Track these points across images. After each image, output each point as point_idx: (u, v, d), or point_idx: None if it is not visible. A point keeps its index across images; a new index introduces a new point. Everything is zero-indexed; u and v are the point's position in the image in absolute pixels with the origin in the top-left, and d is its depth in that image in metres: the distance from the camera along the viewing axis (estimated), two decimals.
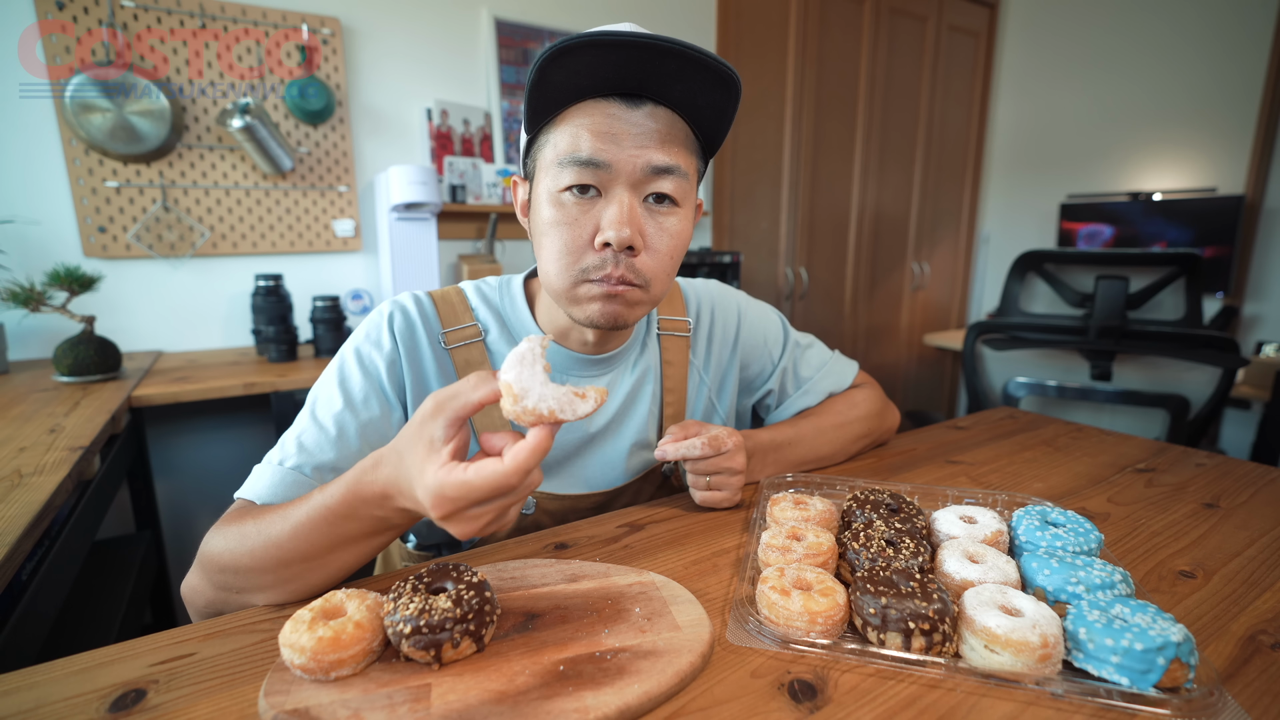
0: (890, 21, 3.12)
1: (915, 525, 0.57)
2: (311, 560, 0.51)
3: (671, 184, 0.59)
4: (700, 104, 0.58)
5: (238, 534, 0.52)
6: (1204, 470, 0.82)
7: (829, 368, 0.89)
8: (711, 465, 0.68)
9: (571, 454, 0.72)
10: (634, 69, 0.54)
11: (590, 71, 0.55)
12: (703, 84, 0.56)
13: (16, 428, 1.06)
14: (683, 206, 0.62)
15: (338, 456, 0.60)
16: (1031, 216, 3.50)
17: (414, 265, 1.92)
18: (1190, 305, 1.64)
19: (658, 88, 0.57)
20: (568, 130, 0.58)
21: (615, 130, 0.57)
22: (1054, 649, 0.41)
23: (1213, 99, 2.78)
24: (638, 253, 0.59)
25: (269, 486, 0.58)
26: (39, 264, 1.60)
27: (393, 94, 2.07)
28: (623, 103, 0.57)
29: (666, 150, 0.58)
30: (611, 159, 0.57)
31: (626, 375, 0.75)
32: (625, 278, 0.59)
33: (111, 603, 1.23)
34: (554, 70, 0.54)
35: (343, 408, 0.62)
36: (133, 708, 0.40)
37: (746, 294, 0.89)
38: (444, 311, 0.70)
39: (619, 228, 0.57)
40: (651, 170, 0.58)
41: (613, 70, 0.55)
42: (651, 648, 0.43)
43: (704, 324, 0.82)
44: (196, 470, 1.91)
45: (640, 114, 0.57)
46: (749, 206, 2.86)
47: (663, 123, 0.58)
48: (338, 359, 0.67)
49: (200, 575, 0.54)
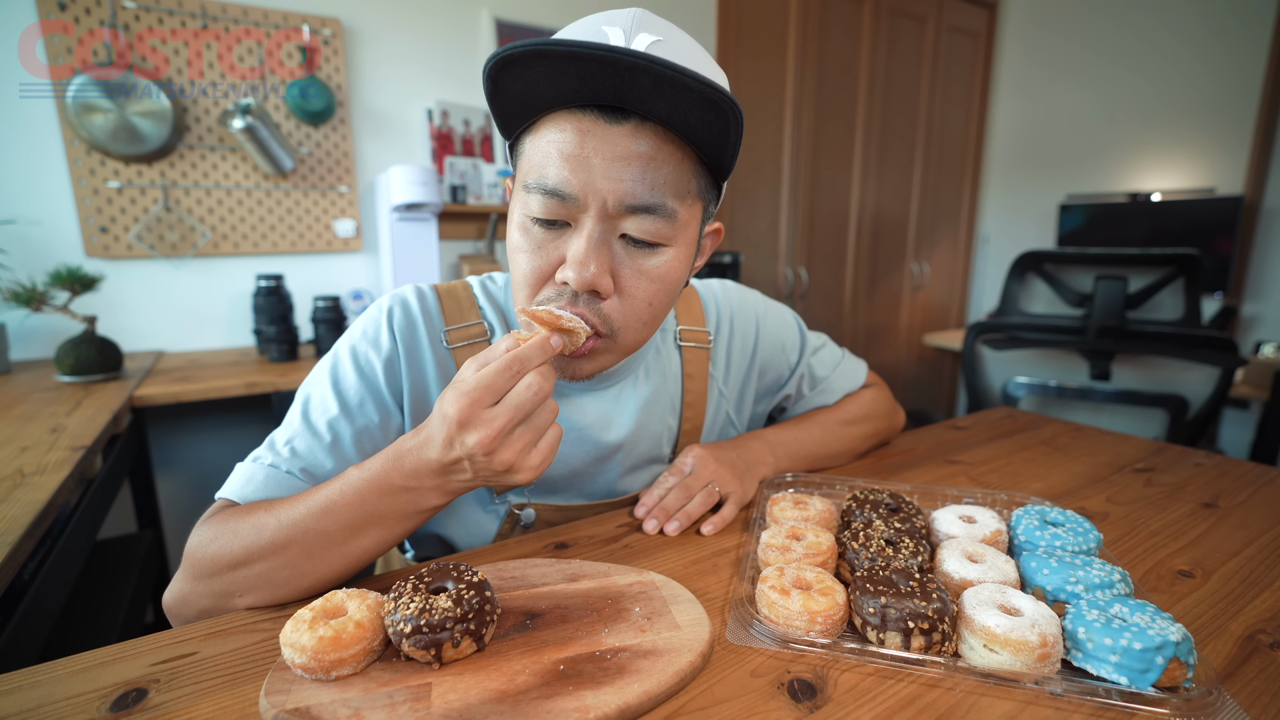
0: (890, 22, 3.12)
1: (915, 525, 0.57)
2: (337, 543, 0.49)
3: (650, 225, 0.51)
4: (693, 124, 0.48)
5: (251, 525, 0.50)
6: (1203, 470, 0.82)
7: (843, 366, 0.88)
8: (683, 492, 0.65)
9: (580, 471, 0.69)
10: (602, 82, 0.46)
11: (549, 83, 0.47)
12: (689, 104, 0.46)
13: (18, 427, 1.06)
14: (672, 245, 0.53)
15: (334, 464, 0.57)
16: (1031, 216, 3.50)
17: (414, 265, 1.93)
18: (1189, 305, 1.64)
19: (638, 104, 0.47)
20: (540, 145, 0.51)
21: (587, 152, 0.49)
22: (1053, 648, 0.41)
23: (1211, 99, 2.78)
24: (605, 296, 0.52)
25: (260, 488, 0.54)
26: (41, 264, 1.60)
27: (393, 94, 2.07)
28: (601, 116, 0.48)
29: (648, 183, 0.49)
30: (578, 190, 0.49)
31: (639, 385, 0.69)
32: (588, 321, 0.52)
33: (113, 602, 1.23)
34: (506, 80, 0.47)
35: (338, 413, 0.58)
36: (134, 707, 0.40)
37: (761, 294, 0.84)
38: (449, 307, 0.65)
39: (580, 268, 0.50)
40: (626, 207, 0.50)
41: (577, 82, 0.47)
42: (651, 647, 0.43)
43: (724, 334, 0.77)
44: (198, 470, 1.91)
45: (620, 132, 0.48)
46: (749, 206, 2.86)
47: (648, 144, 0.49)
48: (332, 356, 0.62)
49: (192, 583, 0.51)
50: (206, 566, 0.50)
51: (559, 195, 0.50)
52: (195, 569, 0.51)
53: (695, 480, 0.66)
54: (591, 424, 0.67)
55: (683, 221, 0.53)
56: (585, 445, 0.67)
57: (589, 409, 0.67)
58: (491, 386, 0.45)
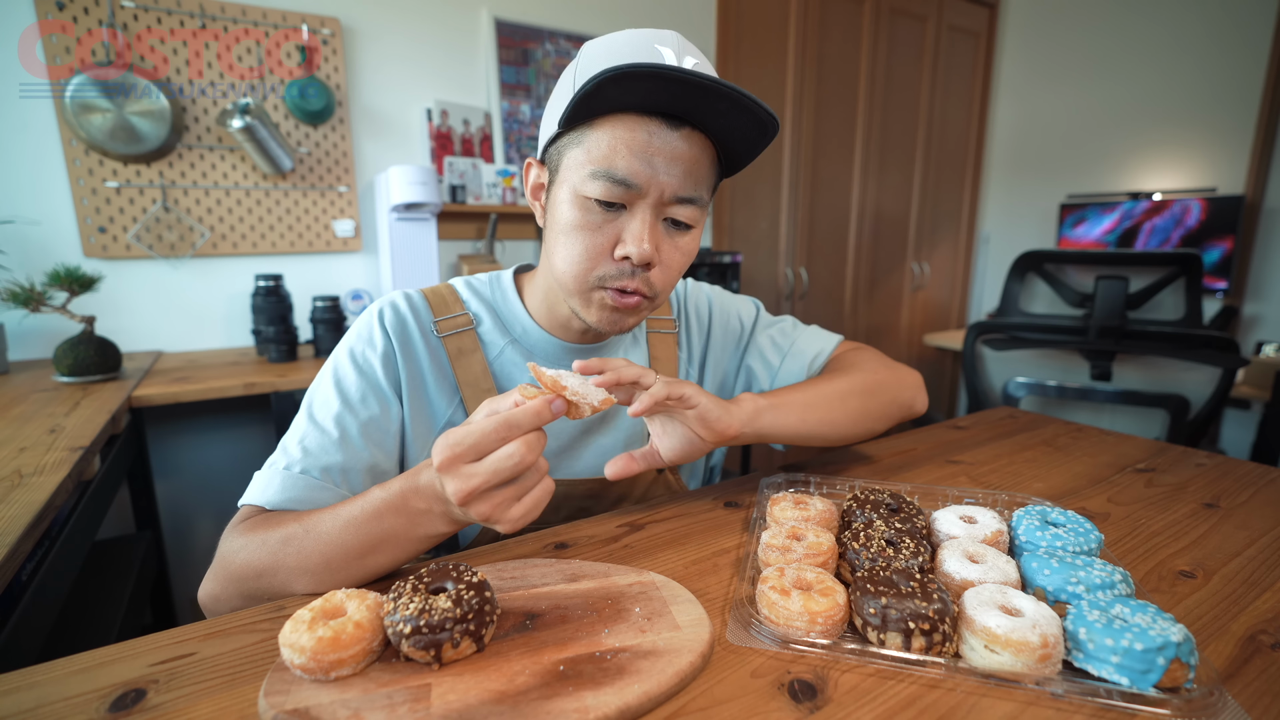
0: (890, 21, 3.12)
1: (915, 525, 0.57)
2: (357, 558, 0.52)
3: (690, 212, 0.62)
4: (736, 138, 0.60)
5: (281, 535, 0.53)
6: (1204, 470, 0.82)
7: (809, 332, 0.87)
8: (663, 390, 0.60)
9: (568, 444, 0.75)
10: (687, 101, 0.56)
11: (645, 94, 0.56)
12: (745, 123, 0.58)
13: (16, 428, 1.06)
14: (697, 226, 0.65)
15: (345, 459, 0.61)
16: (1031, 216, 3.50)
17: (414, 265, 1.92)
18: (1190, 305, 1.64)
19: (701, 118, 0.59)
20: (605, 139, 0.59)
21: (650, 151, 0.58)
22: (1054, 649, 0.41)
23: (1212, 98, 2.78)
24: (653, 268, 0.62)
25: (280, 491, 0.58)
26: (39, 264, 1.60)
27: (393, 94, 2.07)
28: (664, 123, 0.58)
29: (693, 179, 0.60)
30: (643, 181, 0.59)
31: None
32: (639, 290, 0.63)
33: (111, 603, 1.23)
34: (610, 87, 0.55)
35: (341, 408, 0.63)
36: (133, 708, 0.40)
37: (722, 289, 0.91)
38: (435, 303, 0.72)
39: (640, 244, 0.59)
40: (675, 199, 0.60)
41: (667, 98, 0.56)
42: (651, 648, 0.43)
43: (683, 320, 0.85)
44: (196, 470, 1.91)
45: (676, 136, 0.59)
46: (749, 206, 2.86)
47: (696, 148, 0.60)
48: (332, 362, 0.67)
49: (223, 584, 0.55)
50: (236, 572, 0.54)
51: (625, 184, 0.58)
52: (226, 573, 0.55)
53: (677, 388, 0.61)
54: None
55: (705, 210, 0.65)
56: (569, 421, 0.73)
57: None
58: (476, 446, 0.47)
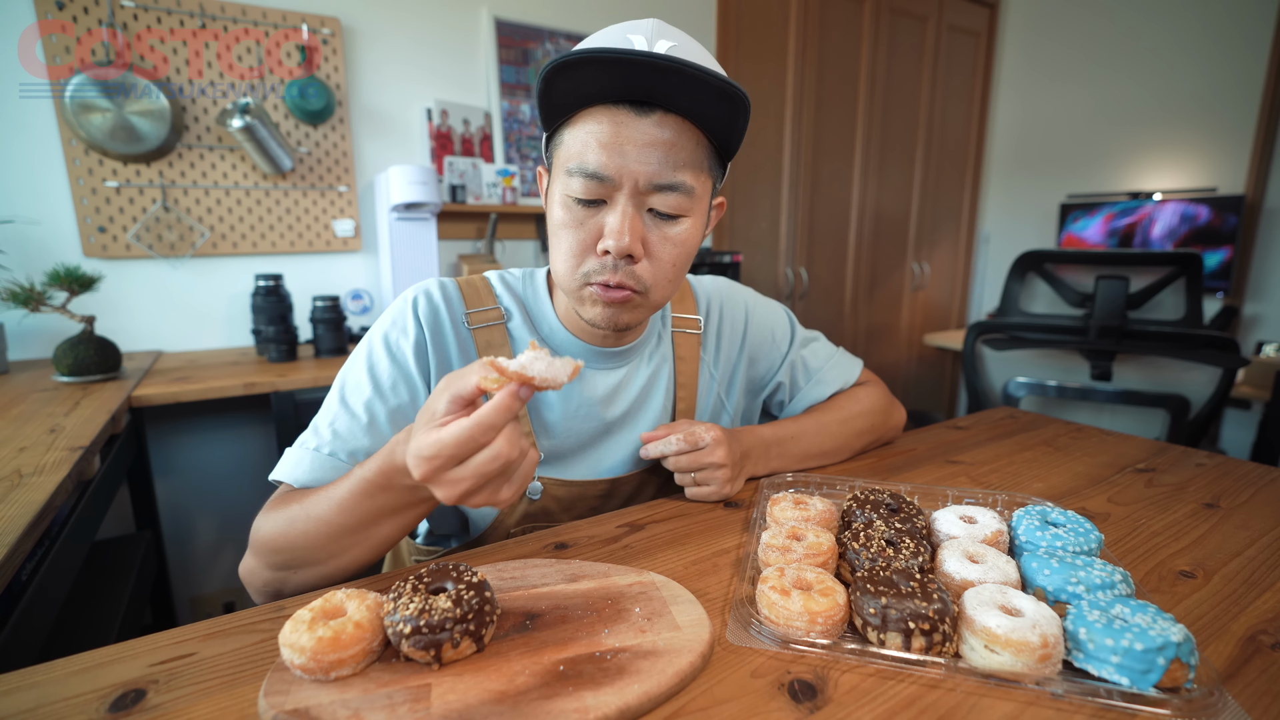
0: (890, 21, 3.12)
1: (915, 525, 0.57)
2: (356, 533, 0.54)
3: (673, 200, 0.61)
4: (709, 114, 0.59)
5: (288, 516, 0.56)
6: (1204, 470, 0.82)
7: (836, 359, 0.90)
8: (691, 461, 0.70)
9: (588, 443, 0.74)
10: (638, 82, 0.56)
11: (594, 82, 0.57)
12: (708, 97, 0.56)
13: (16, 428, 1.06)
14: (690, 215, 0.63)
15: (372, 443, 0.63)
16: (1031, 216, 3.50)
17: (414, 265, 1.92)
18: (1190, 305, 1.64)
19: (665, 99, 0.58)
20: (579, 135, 0.59)
21: (621, 140, 0.58)
22: (1054, 649, 0.41)
23: (1213, 99, 2.78)
24: (638, 260, 0.62)
25: (308, 471, 0.61)
26: (39, 264, 1.60)
27: (393, 94, 2.07)
28: (632, 110, 0.58)
29: (671, 164, 0.59)
30: (615, 172, 0.58)
31: (643, 367, 0.77)
32: (624, 284, 0.62)
33: (111, 603, 1.23)
34: (559, 81, 0.56)
35: (372, 394, 0.65)
36: (133, 708, 0.40)
37: (754, 291, 0.90)
38: (468, 295, 0.73)
39: (618, 237, 0.59)
40: (653, 186, 0.59)
41: (618, 82, 0.56)
42: (651, 648, 0.43)
43: (714, 321, 0.85)
44: (196, 470, 1.91)
45: (648, 122, 0.58)
46: (749, 206, 2.86)
47: (671, 131, 0.59)
48: (365, 345, 0.69)
49: (255, 557, 0.58)
50: (261, 545, 0.57)
51: (598, 177, 0.59)
52: (254, 547, 0.58)
53: (707, 456, 0.70)
54: (600, 399, 0.73)
55: (698, 195, 0.62)
56: (593, 421, 0.73)
57: (599, 384, 0.74)
58: (455, 455, 0.44)
